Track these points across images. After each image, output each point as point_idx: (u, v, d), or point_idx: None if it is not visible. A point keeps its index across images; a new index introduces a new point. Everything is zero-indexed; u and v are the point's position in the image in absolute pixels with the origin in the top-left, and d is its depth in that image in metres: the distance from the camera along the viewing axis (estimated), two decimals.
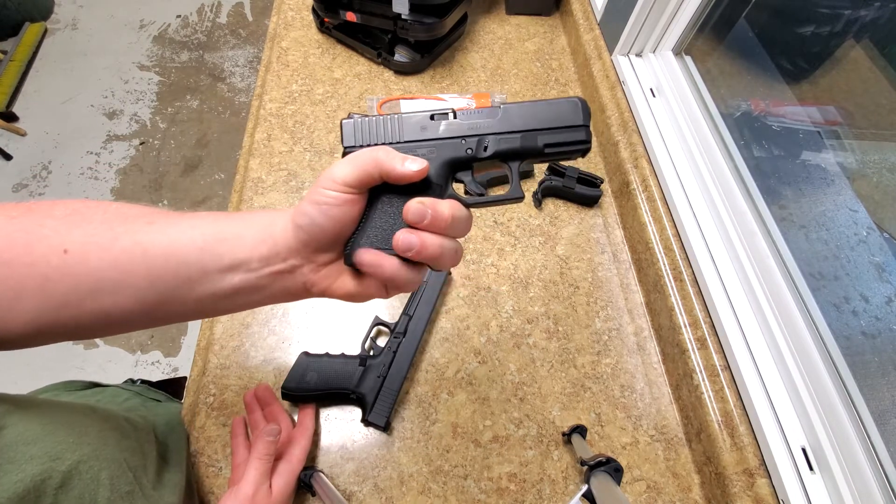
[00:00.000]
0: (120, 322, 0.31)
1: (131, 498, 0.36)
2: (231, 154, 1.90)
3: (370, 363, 0.53)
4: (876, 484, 0.40)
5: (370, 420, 0.51)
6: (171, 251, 0.29)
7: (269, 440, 0.44)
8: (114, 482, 0.35)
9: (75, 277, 0.28)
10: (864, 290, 0.49)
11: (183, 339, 1.52)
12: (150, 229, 0.30)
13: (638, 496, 0.50)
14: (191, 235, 0.30)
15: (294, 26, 0.88)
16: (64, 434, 0.34)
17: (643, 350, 0.59)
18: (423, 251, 0.29)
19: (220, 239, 0.30)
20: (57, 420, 0.35)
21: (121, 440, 0.40)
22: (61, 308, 0.29)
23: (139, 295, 0.29)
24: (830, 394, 0.45)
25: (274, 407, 0.50)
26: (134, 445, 0.41)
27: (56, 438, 0.33)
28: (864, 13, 0.58)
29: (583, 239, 0.67)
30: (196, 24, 2.32)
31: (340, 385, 0.51)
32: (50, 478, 0.30)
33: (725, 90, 0.67)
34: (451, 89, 0.81)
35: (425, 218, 0.29)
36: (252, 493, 0.42)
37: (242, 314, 0.58)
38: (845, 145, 0.57)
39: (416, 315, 0.56)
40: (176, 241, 0.30)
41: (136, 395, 0.56)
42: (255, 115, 0.75)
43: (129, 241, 0.29)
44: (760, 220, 0.56)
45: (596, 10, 0.83)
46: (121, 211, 0.31)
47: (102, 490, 0.33)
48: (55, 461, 0.31)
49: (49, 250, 0.28)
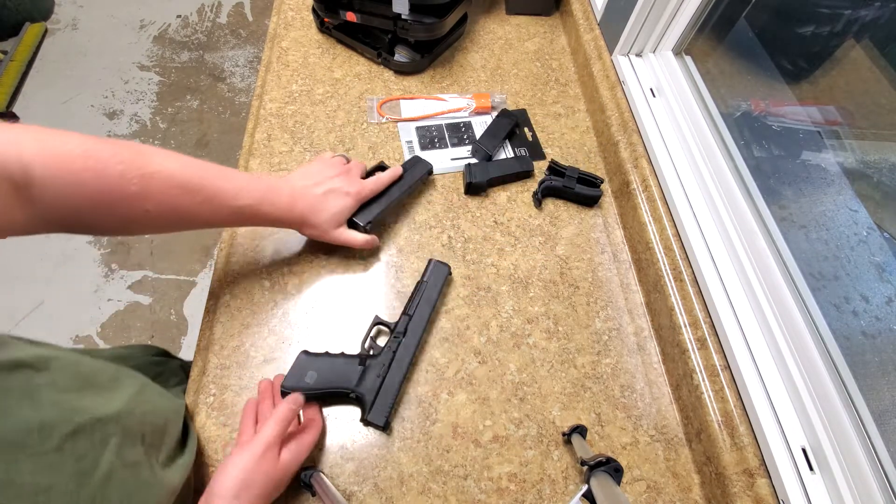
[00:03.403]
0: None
1: (136, 469, 0.37)
2: (231, 154, 1.90)
3: (370, 363, 0.53)
4: (876, 484, 0.40)
5: (369, 419, 0.51)
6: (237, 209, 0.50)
7: (291, 406, 0.46)
8: (122, 450, 0.35)
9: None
10: (864, 290, 0.49)
11: (183, 339, 1.52)
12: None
13: (638, 496, 0.50)
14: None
15: (294, 26, 0.88)
16: (96, 391, 0.36)
17: (643, 350, 0.59)
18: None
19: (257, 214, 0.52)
20: (97, 377, 0.38)
21: (147, 415, 0.41)
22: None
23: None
24: (830, 394, 0.45)
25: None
26: (159, 423, 0.43)
27: (85, 394, 0.35)
28: (864, 13, 0.58)
29: (583, 239, 0.67)
30: (196, 24, 2.32)
31: (340, 384, 0.51)
32: (60, 426, 0.31)
33: (725, 90, 0.67)
34: (451, 89, 0.81)
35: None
36: (261, 451, 0.42)
37: (242, 315, 0.58)
38: (845, 145, 0.57)
39: (417, 315, 0.56)
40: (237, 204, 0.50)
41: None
42: (255, 115, 0.75)
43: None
44: (760, 219, 0.56)
45: (596, 10, 0.83)
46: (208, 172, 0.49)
47: (108, 454, 0.34)
48: (73, 413, 0.33)
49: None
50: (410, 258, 0.63)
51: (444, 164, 0.71)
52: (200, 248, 1.67)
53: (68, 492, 0.30)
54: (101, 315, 1.54)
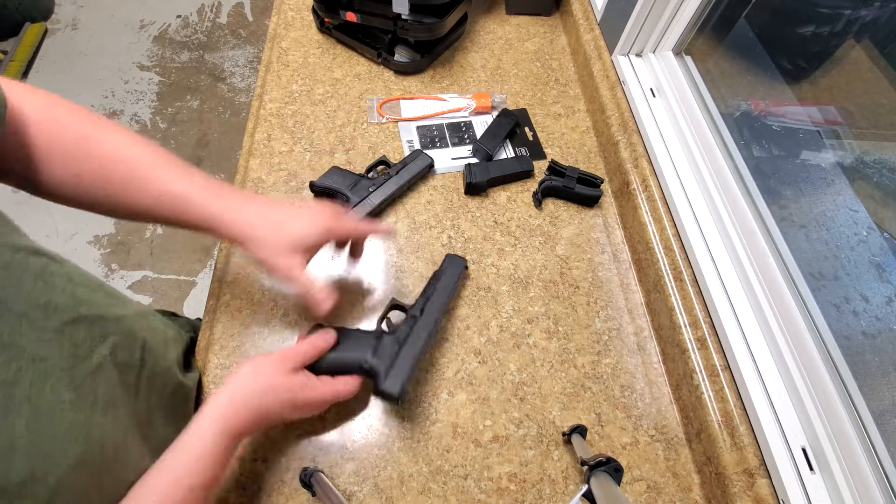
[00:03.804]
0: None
1: (123, 369, 0.39)
2: (231, 154, 1.90)
3: (385, 338, 0.51)
4: (876, 484, 0.40)
5: (383, 389, 0.47)
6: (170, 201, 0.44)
7: (325, 336, 0.48)
8: (115, 350, 0.38)
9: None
10: (864, 289, 0.49)
11: None
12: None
13: (638, 496, 0.50)
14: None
15: (294, 26, 0.88)
16: (104, 296, 0.40)
17: (643, 350, 0.59)
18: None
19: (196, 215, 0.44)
20: (105, 288, 0.41)
21: (150, 332, 0.44)
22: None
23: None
24: (830, 394, 0.45)
25: None
26: (160, 349, 0.46)
27: (93, 294, 0.38)
28: (864, 13, 0.58)
29: (583, 239, 0.67)
30: (196, 24, 2.32)
31: (353, 358, 0.49)
32: (64, 311, 0.34)
33: (725, 90, 0.67)
34: (451, 89, 0.81)
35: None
36: (283, 354, 0.44)
37: (242, 315, 0.58)
38: (845, 145, 0.57)
39: (435, 297, 0.54)
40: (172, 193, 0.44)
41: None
42: (255, 115, 0.75)
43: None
44: (760, 219, 0.56)
45: (596, 10, 0.83)
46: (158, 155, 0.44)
47: (102, 348, 0.36)
48: (79, 303, 0.36)
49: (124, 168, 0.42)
50: (410, 258, 0.63)
51: (445, 163, 0.71)
52: (200, 248, 1.67)
53: (64, 368, 0.32)
54: None
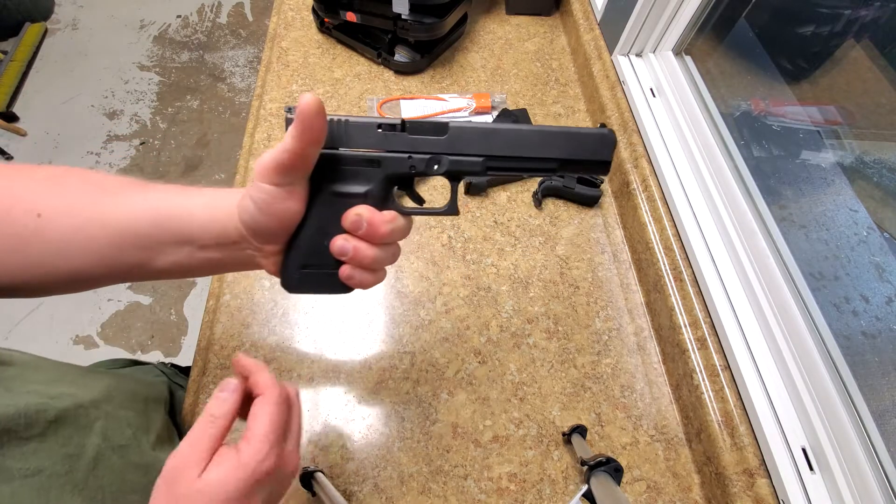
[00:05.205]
0: (93, 280, 0.33)
1: (124, 451, 0.36)
2: (231, 154, 1.90)
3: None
4: (876, 484, 0.40)
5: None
6: (126, 223, 0.31)
7: (219, 396, 0.30)
8: (107, 433, 0.35)
9: (46, 240, 0.30)
10: (864, 290, 0.49)
11: (183, 339, 1.52)
12: (112, 201, 0.31)
13: (638, 496, 0.50)
14: (143, 209, 0.31)
15: (294, 26, 0.88)
16: (69, 383, 0.35)
17: (643, 350, 0.59)
18: (356, 259, 0.31)
19: (171, 215, 0.31)
20: (67, 372, 0.36)
21: (126, 401, 0.40)
22: (34, 266, 0.31)
23: (104, 259, 0.31)
24: (830, 394, 0.45)
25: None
26: (140, 408, 0.42)
27: (60, 384, 0.34)
28: (864, 13, 0.58)
29: (583, 239, 0.67)
30: (196, 24, 2.32)
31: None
32: (44, 411, 0.31)
33: (725, 90, 0.67)
34: (451, 89, 0.81)
35: (360, 228, 0.31)
36: (173, 466, 0.27)
37: (242, 315, 0.58)
38: (845, 145, 0.57)
39: None
40: (130, 214, 0.31)
41: (164, 376, 0.57)
42: (255, 115, 0.75)
43: (93, 211, 0.31)
44: (760, 219, 0.56)
45: (596, 10, 0.83)
46: (90, 179, 0.33)
47: (94, 437, 0.34)
48: (53, 399, 0.32)
49: (24, 213, 0.30)
50: (410, 258, 0.63)
51: None
52: None
53: (60, 474, 0.30)
54: (102, 315, 1.54)
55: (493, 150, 0.32)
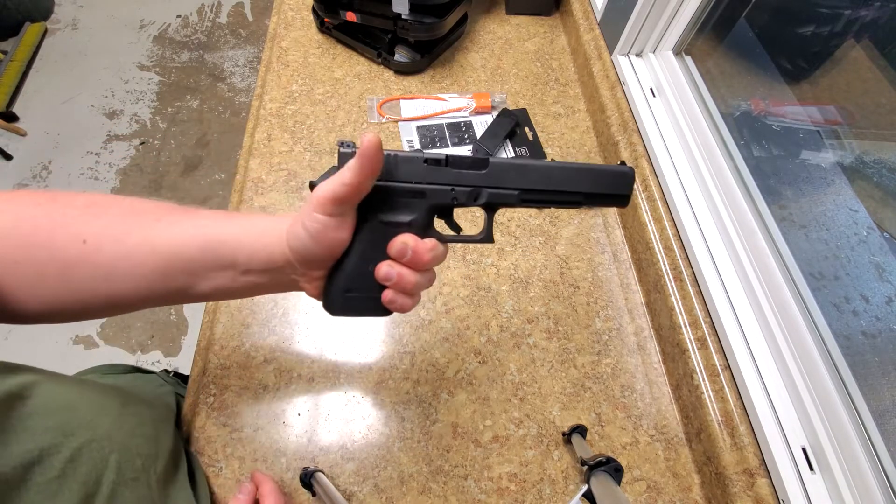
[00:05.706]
0: (132, 305, 0.34)
1: (135, 485, 0.37)
2: (231, 154, 1.90)
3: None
4: (876, 484, 0.40)
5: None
6: (176, 249, 0.32)
7: (239, 497, 0.41)
8: (121, 467, 0.35)
9: (92, 265, 0.31)
10: (864, 289, 0.49)
11: (183, 339, 1.52)
12: (158, 226, 0.32)
13: (638, 496, 0.50)
14: (193, 234, 0.32)
15: (294, 26, 0.88)
16: (83, 412, 0.35)
17: (643, 350, 0.59)
18: (399, 284, 0.32)
19: (220, 241, 0.32)
20: (80, 397, 0.36)
21: (136, 427, 0.40)
22: (77, 292, 0.31)
23: (150, 284, 0.32)
24: (830, 394, 0.45)
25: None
26: (150, 433, 0.42)
27: (74, 415, 0.34)
28: (864, 13, 0.58)
29: (583, 239, 0.67)
30: (196, 24, 2.32)
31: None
32: (59, 452, 0.31)
33: (725, 90, 0.67)
34: (451, 89, 0.81)
35: (405, 256, 0.32)
36: None
37: (242, 315, 0.58)
38: (845, 145, 0.57)
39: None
40: (180, 239, 0.32)
41: (169, 385, 0.57)
42: (255, 115, 0.75)
43: (140, 237, 0.31)
44: (760, 219, 0.56)
45: (596, 10, 0.83)
46: (133, 206, 0.33)
47: (109, 472, 0.34)
48: (68, 437, 0.32)
49: (69, 239, 0.30)
50: None
51: None
52: None
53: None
54: None
55: (528, 183, 0.35)
